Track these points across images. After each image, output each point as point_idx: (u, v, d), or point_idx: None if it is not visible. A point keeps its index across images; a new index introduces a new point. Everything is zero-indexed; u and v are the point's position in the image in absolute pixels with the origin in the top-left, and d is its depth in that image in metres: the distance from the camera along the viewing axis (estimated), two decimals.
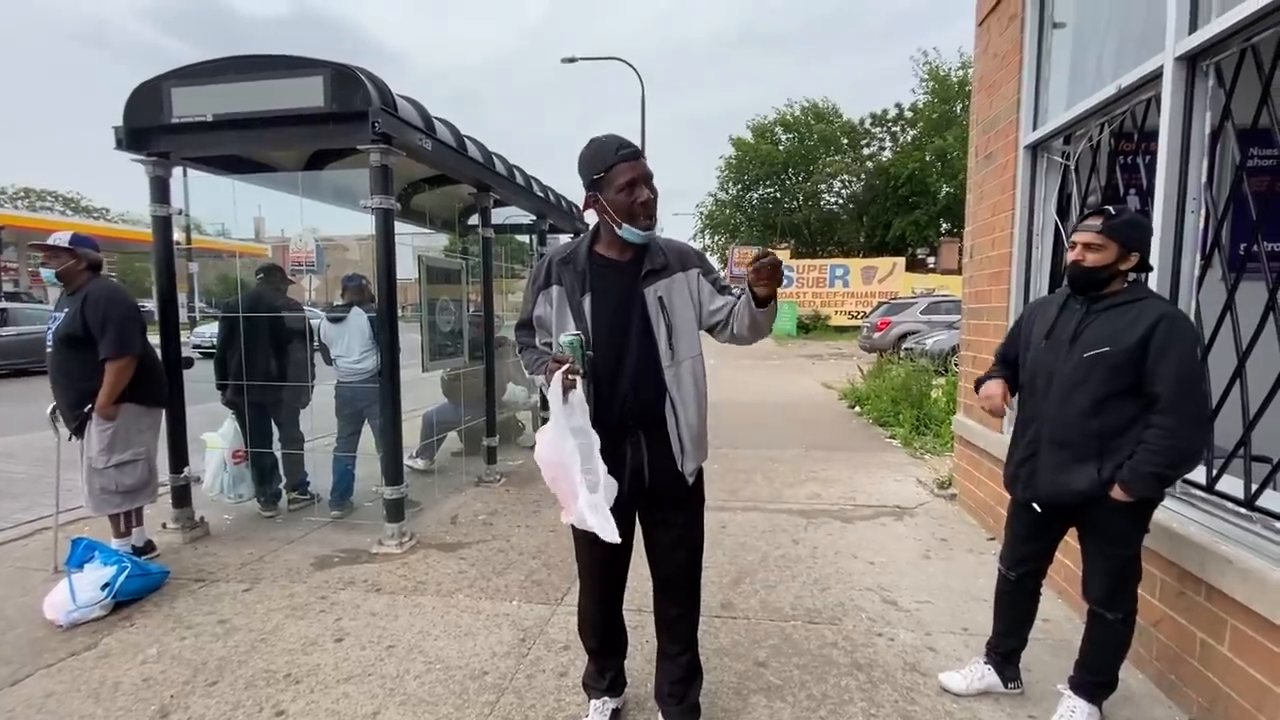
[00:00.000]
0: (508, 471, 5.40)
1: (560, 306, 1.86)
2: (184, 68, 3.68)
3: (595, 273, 1.86)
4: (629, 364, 1.81)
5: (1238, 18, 2.09)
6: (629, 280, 1.84)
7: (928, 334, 13.85)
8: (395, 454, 3.80)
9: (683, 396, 1.84)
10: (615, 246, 1.86)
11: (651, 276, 1.83)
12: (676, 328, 1.83)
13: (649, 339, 1.82)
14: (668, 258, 1.87)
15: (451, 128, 4.47)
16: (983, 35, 4.22)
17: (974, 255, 4.31)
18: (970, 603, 3.00)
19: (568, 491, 1.72)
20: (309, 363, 4.46)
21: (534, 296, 1.94)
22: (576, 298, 1.84)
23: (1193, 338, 1.91)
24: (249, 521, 4.25)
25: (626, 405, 1.80)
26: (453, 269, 5.11)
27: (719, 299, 1.87)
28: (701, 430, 1.89)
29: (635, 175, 1.76)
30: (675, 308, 1.84)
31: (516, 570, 3.41)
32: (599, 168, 1.77)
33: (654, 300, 1.82)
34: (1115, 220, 1.95)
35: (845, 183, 33.33)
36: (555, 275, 1.89)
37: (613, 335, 1.81)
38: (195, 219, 5.32)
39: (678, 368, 1.84)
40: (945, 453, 5.97)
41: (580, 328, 1.83)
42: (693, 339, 1.86)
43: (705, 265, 1.92)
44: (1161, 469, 1.86)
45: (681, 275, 1.86)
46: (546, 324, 1.92)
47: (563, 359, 1.72)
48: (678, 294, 1.84)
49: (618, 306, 1.83)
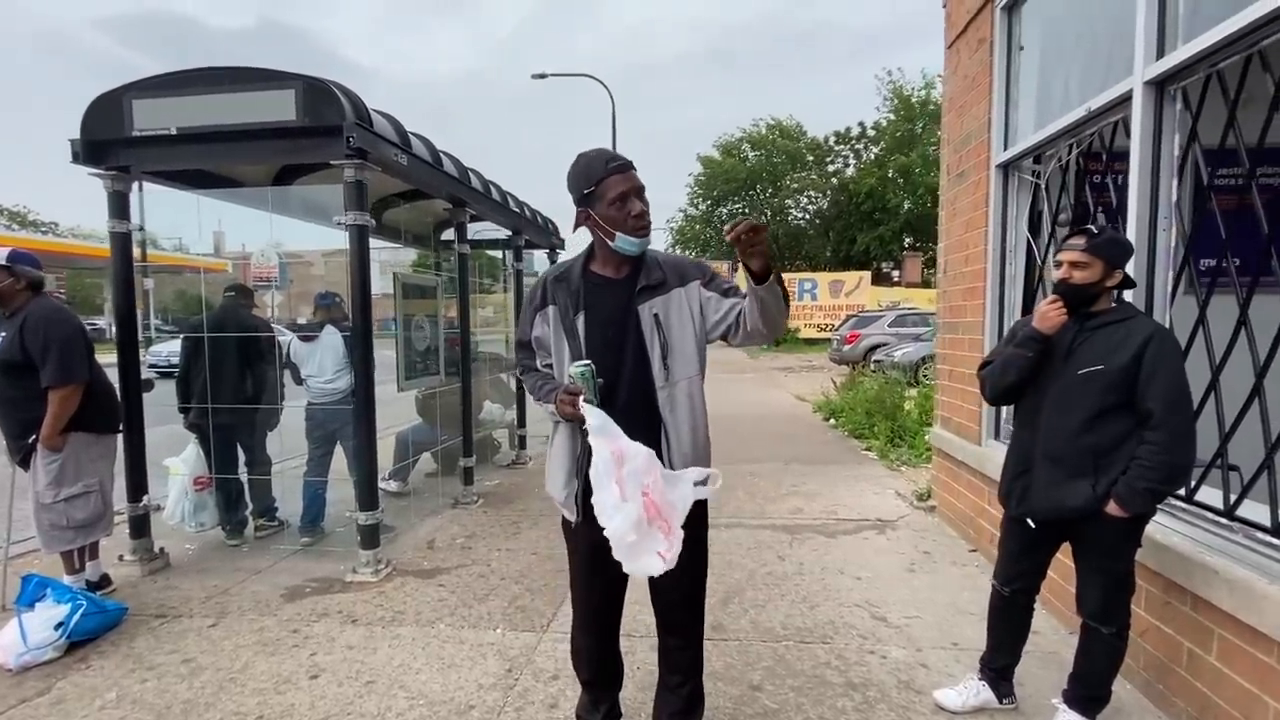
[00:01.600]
0: (485, 492, 5.27)
1: (556, 326, 1.81)
2: (147, 79, 3.55)
3: (589, 291, 1.81)
4: (623, 385, 1.76)
5: (1203, 45, 2.17)
6: (623, 297, 1.79)
7: (896, 346, 14.14)
8: (370, 477, 3.67)
9: (676, 420, 1.78)
10: (610, 263, 1.82)
11: (647, 293, 1.78)
12: (672, 347, 1.78)
13: (643, 358, 1.77)
14: (665, 273, 1.81)
15: (427, 143, 4.40)
16: (952, 57, 4.34)
17: (948, 271, 4.40)
18: (958, 616, 3.01)
19: (664, 492, 1.60)
20: (278, 384, 4.30)
21: (531, 317, 1.88)
22: (570, 317, 1.79)
23: (1180, 355, 1.96)
24: (213, 551, 4.06)
25: (624, 429, 1.74)
26: (427, 285, 5.01)
27: (725, 303, 1.80)
28: (698, 456, 1.81)
29: (627, 188, 1.72)
30: (671, 326, 1.78)
31: (499, 596, 3.31)
32: (589, 182, 1.72)
33: (649, 318, 1.77)
34: (1099, 239, 2.00)
35: (811, 198, 34.04)
36: (550, 294, 1.84)
37: (606, 355, 1.76)
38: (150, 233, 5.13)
39: (672, 389, 1.78)
40: (921, 464, 6.05)
41: (574, 347, 1.78)
42: (689, 359, 1.80)
43: (706, 274, 1.85)
44: (1156, 484, 1.90)
45: (679, 291, 1.80)
46: (545, 345, 1.87)
47: (575, 390, 1.66)
48: (675, 311, 1.79)
49: (611, 325, 1.78)
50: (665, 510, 1.59)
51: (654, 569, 1.61)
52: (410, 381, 4.57)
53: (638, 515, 1.55)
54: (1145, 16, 2.42)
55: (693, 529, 1.86)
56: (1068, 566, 2.23)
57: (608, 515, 1.57)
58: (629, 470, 1.55)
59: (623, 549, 1.59)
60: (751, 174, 33.45)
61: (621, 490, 1.55)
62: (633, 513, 1.55)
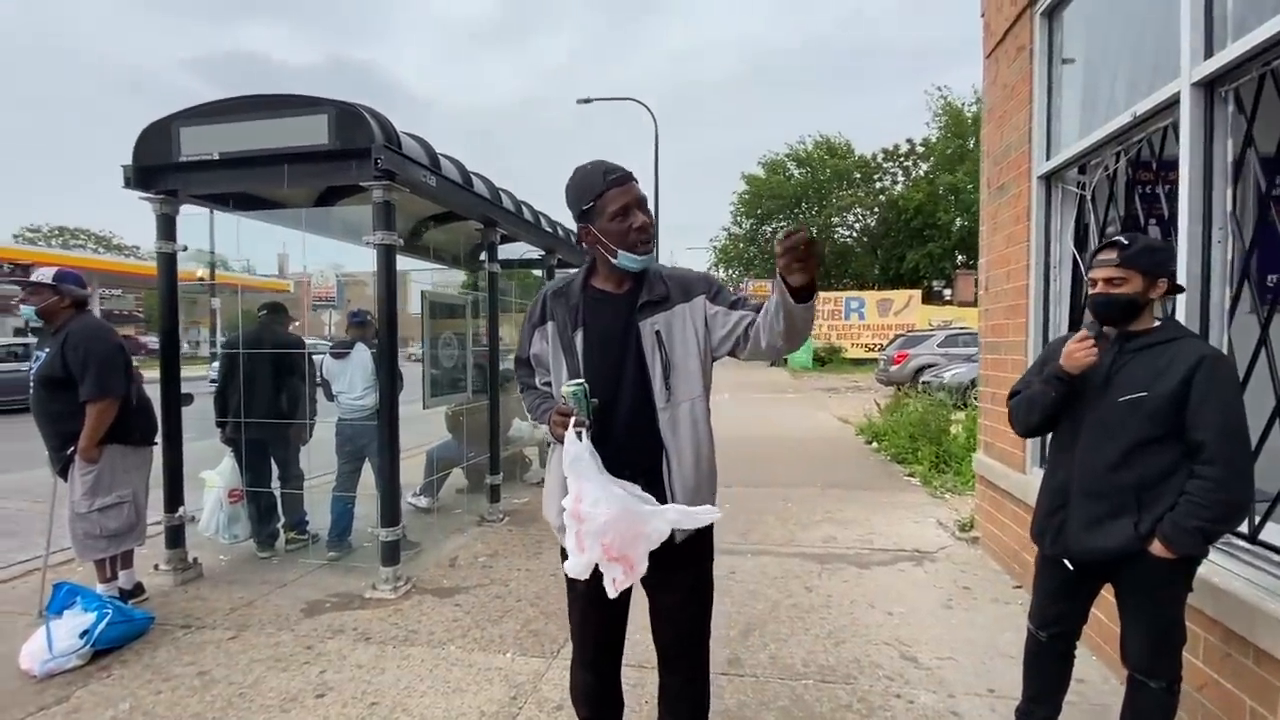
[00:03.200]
0: (512, 510, 5.26)
1: (555, 343, 1.76)
2: (193, 107, 3.74)
3: (589, 306, 1.75)
4: (622, 405, 1.69)
5: (1255, 42, 2.00)
6: (624, 313, 1.72)
7: (945, 367, 13.60)
8: (392, 494, 3.69)
9: (678, 444, 1.69)
10: (612, 278, 1.76)
11: (649, 309, 1.71)
12: (675, 365, 1.69)
13: (643, 377, 1.69)
14: (668, 288, 1.73)
15: (458, 164, 4.48)
16: (990, 67, 4.17)
17: (989, 288, 4.18)
18: (996, 659, 2.78)
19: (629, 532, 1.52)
20: (309, 399, 4.41)
21: (529, 333, 1.84)
22: (568, 333, 1.74)
23: (1235, 380, 1.77)
24: (244, 563, 4.15)
25: (621, 451, 1.65)
26: (457, 304, 5.08)
27: (733, 315, 1.70)
28: (700, 482, 1.72)
29: (628, 200, 1.65)
30: (674, 343, 1.70)
31: (513, 618, 3.25)
32: (588, 197, 1.67)
33: (650, 334, 1.69)
34: (1131, 249, 1.83)
35: (859, 216, 33.44)
36: (549, 310, 1.79)
37: (604, 373, 1.69)
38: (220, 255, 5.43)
39: (674, 410, 1.70)
40: (966, 492, 5.73)
41: (571, 365, 1.72)
42: (693, 379, 1.71)
43: (712, 288, 1.76)
44: (1207, 524, 1.70)
45: (684, 307, 1.72)
46: (544, 361, 1.82)
47: (567, 411, 1.60)
48: (678, 328, 1.71)
49: (612, 342, 1.71)
50: (627, 547, 1.50)
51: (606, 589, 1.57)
52: (435, 399, 4.61)
53: (590, 561, 1.50)
54: (1191, 14, 2.24)
55: (695, 564, 1.76)
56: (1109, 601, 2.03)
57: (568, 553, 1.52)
58: (585, 529, 1.49)
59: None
60: (797, 192, 33.14)
61: (579, 542, 1.50)
62: (586, 559, 1.50)
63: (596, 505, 1.48)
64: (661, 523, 1.53)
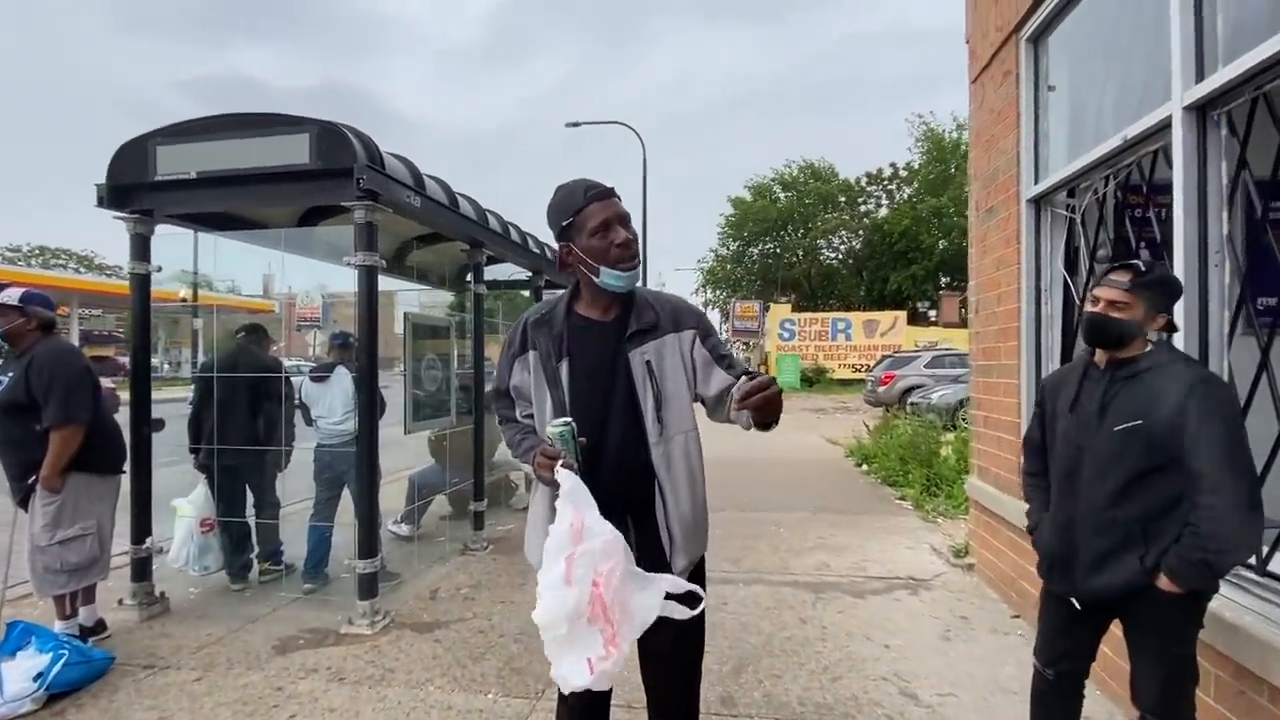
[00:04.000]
0: (496, 538, 5.11)
1: (537, 374, 1.67)
2: (170, 126, 3.65)
3: (574, 335, 1.66)
4: (611, 440, 1.60)
5: (1247, 66, 1.99)
6: (612, 342, 1.64)
7: (933, 388, 13.64)
8: (371, 523, 3.55)
9: (673, 480, 1.61)
10: (598, 304, 1.67)
11: (638, 337, 1.62)
12: (666, 397, 1.61)
13: (634, 410, 1.61)
14: (658, 315, 1.65)
15: (444, 185, 4.42)
16: (977, 92, 4.20)
17: (980, 310, 4.16)
18: (998, 695, 2.69)
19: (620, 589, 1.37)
20: (287, 424, 4.28)
21: (509, 364, 1.74)
22: (552, 364, 1.64)
23: (1233, 404, 1.72)
24: (215, 596, 3.97)
25: (611, 489, 1.56)
26: (440, 326, 4.98)
27: (717, 374, 1.64)
28: (696, 519, 1.64)
29: (609, 215, 1.58)
30: (665, 374, 1.62)
31: (496, 655, 3.11)
32: (567, 213, 1.60)
33: (640, 364, 1.61)
34: (1146, 278, 1.76)
35: (844, 239, 33.89)
36: (531, 339, 1.69)
37: (592, 407, 1.60)
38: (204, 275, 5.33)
39: (667, 445, 1.61)
40: (959, 515, 5.67)
41: (556, 397, 1.63)
42: (685, 411, 1.64)
43: (703, 326, 1.70)
44: (1212, 555, 1.63)
45: (674, 337, 1.65)
46: (525, 393, 1.72)
47: (551, 453, 1.50)
48: (669, 358, 1.63)
49: (599, 373, 1.63)
50: (615, 614, 1.36)
51: (575, 681, 1.37)
52: (418, 423, 4.49)
53: (575, 604, 1.33)
54: (1182, 37, 2.24)
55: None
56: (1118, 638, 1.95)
57: (542, 594, 1.37)
58: (583, 549, 1.35)
59: (548, 640, 1.37)
60: (782, 215, 33.56)
61: (568, 570, 1.35)
62: (570, 601, 1.33)
63: (598, 524, 1.38)
64: (653, 598, 1.40)
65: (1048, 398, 2.05)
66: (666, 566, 1.60)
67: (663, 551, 1.62)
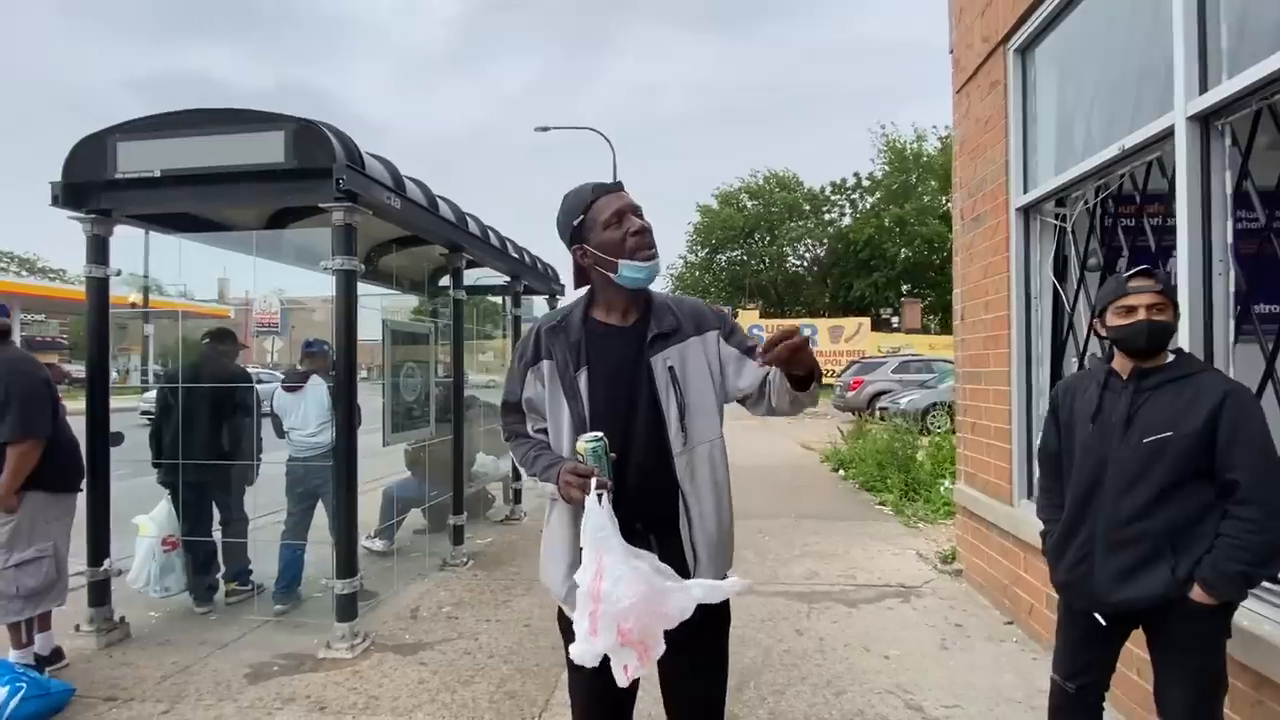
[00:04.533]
0: (476, 552, 4.94)
1: (553, 385, 1.56)
2: (132, 120, 3.43)
3: (592, 342, 1.56)
4: (635, 452, 1.50)
5: (1256, 77, 2.01)
6: (633, 348, 1.54)
7: (900, 393, 13.91)
8: (349, 541, 3.37)
9: (697, 492, 1.52)
10: (616, 308, 1.58)
11: (660, 342, 1.54)
12: (690, 405, 1.52)
13: (658, 419, 1.52)
14: (679, 319, 1.57)
15: (423, 187, 4.26)
16: (961, 101, 4.25)
17: (965, 317, 4.20)
18: (1003, 706, 2.67)
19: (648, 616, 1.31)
20: (255, 437, 4.05)
21: (522, 374, 1.62)
22: (570, 374, 1.54)
23: (1261, 415, 1.72)
24: (179, 620, 3.72)
25: (634, 504, 1.46)
26: (420, 332, 4.80)
27: (748, 368, 1.56)
28: (722, 536, 1.55)
29: (621, 205, 1.50)
30: (689, 380, 1.53)
31: (486, 678, 2.97)
32: (576, 212, 1.52)
33: (663, 370, 1.52)
34: (1164, 279, 1.80)
35: (809, 247, 34.46)
36: (545, 348, 1.58)
37: (614, 417, 1.50)
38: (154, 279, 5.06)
39: (691, 455, 1.52)
40: (938, 520, 5.72)
41: (575, 410, 1.52)
42: (710, 419, 1.55)
43: (725, 325, 1.62)
44: (1248, 567, 1.62)
45: (696, 340, 1.56)
46: (539, 407, 1.61)
47: (584, 471, 1.39)
48: (692, 362, 1.55)
49: (620, 381, 1.53)
50: (647, 633, 1.31)
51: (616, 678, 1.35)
52: (397, 435, 4.31)
53: (604, 648, 1.30)
54: (1185, 48, 2.27)
55: (713, 637, 1.58)
56: (1130, 652, 1.94)
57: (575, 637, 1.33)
58: (604, 611, 1.28)
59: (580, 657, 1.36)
60: (749, 223, 33.95)
61: (592, 625, 1.29)
62: (600, 646, 1.30)
63: (619, 584, 1.27)
64: (686, 599, 1.33)
65: (1062, 406, 2.03)
66: None
67: (687, 570, 1.53)
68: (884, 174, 31.96)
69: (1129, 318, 1.78)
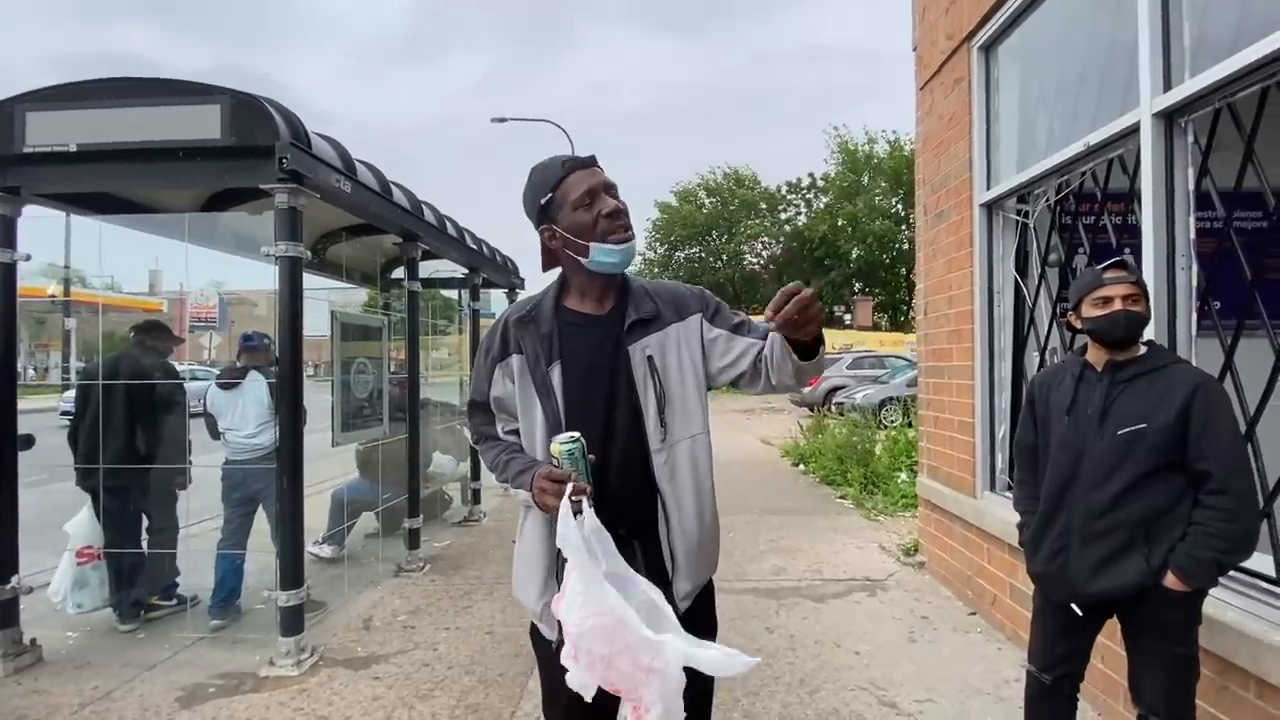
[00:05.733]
0: (433, 556, 4.73)
1: (523, 381, 1.42)
2: (43, 89, 3.11)
3: (565, 333, 1.43)
4: (615, 451, 1.38)
5: (1216, 76, 2.04)
6: (610, 338, 1.42)
7: (855, 389, 14.18)
8: (294, 549, 3.14)
9: (676, 492, 1.41)
10: (590, 294, 1.45)
11: (638, 329, 1.42)
12: (670, 397, 1.41)
13: (636, 414, 1.40)
14: (658, 305, 1.45)
15: (376, 171, 4.03)
16: (925, 98, 4.28)
17: (929, 312, 4.23)
18: (974, 698, 2.67)
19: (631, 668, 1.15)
20: (186, 439, 3.76)
21: (489, 371, 1.48)
22: (541, 368, 1.41)
23: (1230, 406, 1.74)
24: (99, 640, 3.40)
25: (614, 508, 1.34)
26: (372, 326, 4.56)
27: (738, 343, 1.45)
28: (704, 538, 1.45)
29: (594, 183, 1.37)
30: (669, 370, 1.42)
31: (446, 691, 2.80)
32: (545, 189, 1.39)
33: (641, 360, 1.41)
34: (1136, 270, 1.81)
35: (765, 244, 34.98)
36: (514, 341, 1.45)
37: (590, 413, 1.38)
38: (77, 270, 4.63)
39: (670, 451, 1.41)
40: (898, 513, 5.81)
41: (548, 407, 1.39)
42: (692, 413, 1.44)
43: (709, 305, 1.51)
44: (1221, 554, 1.64)
45: (677, 327, 1.45)
46: (509, 406, 1.47)
47: (559, 476, 1.26)
48: (672, 352, 1.43)
49: (597, 374, 1.41)
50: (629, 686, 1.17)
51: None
52: (347, 434, 4.07)
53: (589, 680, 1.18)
54: (1150, 46, 2.30)
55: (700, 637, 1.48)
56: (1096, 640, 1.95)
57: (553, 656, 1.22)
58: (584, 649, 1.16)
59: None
60: (708, 220, 34.21)
61: (574, 650, 1.17)
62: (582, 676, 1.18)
63: (571, 606, 1.16)
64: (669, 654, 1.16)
65: (1039, 399, 2.03)
66: (667, 589, 1.41)
67: (664, 574, 1.43)
68: (836, 173, 32.70)
69: (1106, 308, 1.78)
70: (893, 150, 31.13)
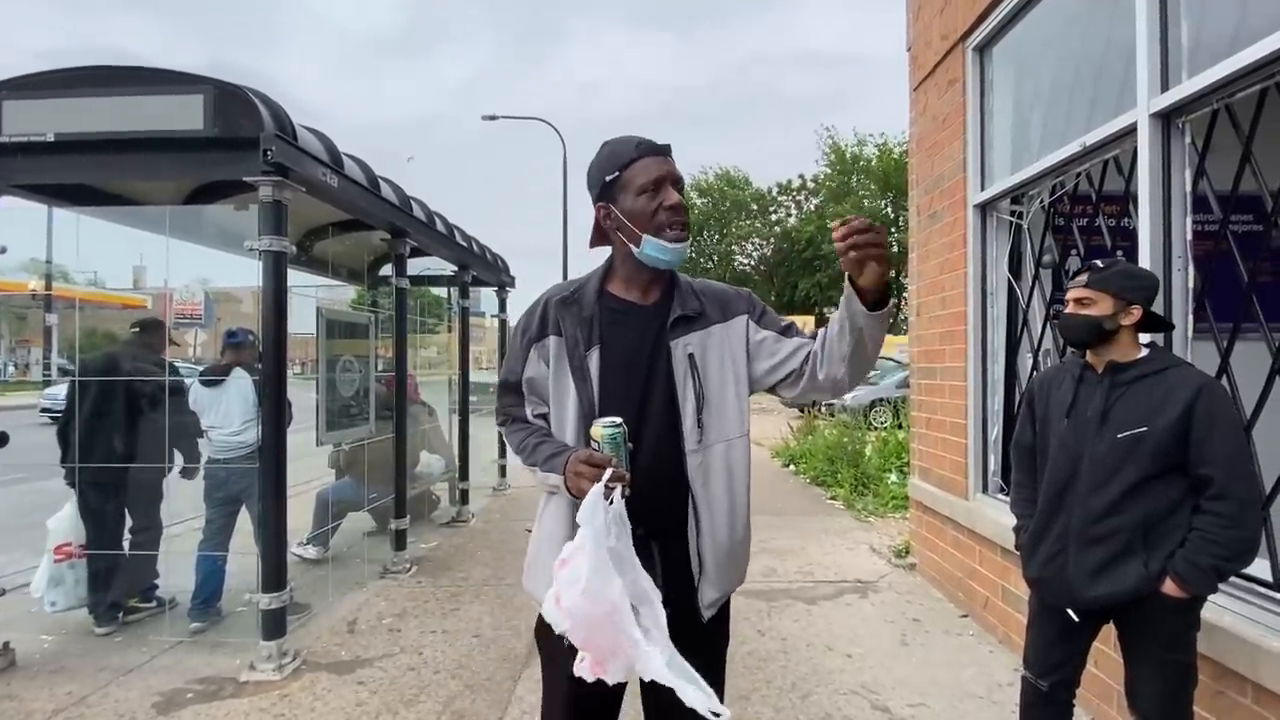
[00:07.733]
0: (419, 557, 4.66)
1: (559, 364, 1.37)
2: (20, 77, 3.03)
3: (607, 319, 1.38)
4: (646, 447, 1.33)
5: (1215, 77, 2.03)
6: (652, 330, 1.38)
7: None
8: (277, 550, 3.07)
9: (709, 496, 1.36)
10: (636, 283, 1.41)
11: (682, 325, 1.38)
12: (709, 399, 1.37)
13: (672, 412, 1.36)
14: (704, 304, 1.41)
15: (364, 165, 3.96)
16: (919, 99, 4.27)
17: (921, 314, 4.22)
18: (967, 701, 2.65)
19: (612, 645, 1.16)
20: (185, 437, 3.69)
21: (524, 352, 1.43)
22: (580, 352, 1.36)
23: (1234, 410, 1.72)
24: (76, 643, 3.31)
25: (640, 507, 1.27)
26: (358, 323, 4.48)
27: (786, 343, 1.41)
28: (735, 547, 1.40)
29: (662, 173, 1.33)
30: (709, 371, 1.38)
31: (432, 696, 2.75)
32: (612, 167, 1.35)
33: (682, 357, 1.36)
34: (1103, 272, 1.78)
35: (756, 245, 35.03)
36: (553, 322, 1.40)
37: (627, 405, 1.33)
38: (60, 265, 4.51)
39: (705, 454, 1.36)
40: (888, 514, 5.80)
41: (583, 393, 1.34)
42: (731, 416, 1.39)
43: (755, 307, 1.47)
44: (1221, 561, 1.62)
45: (721, 328, 1.40)
46: (541, 389, 1.41)
47: (599, 460, 1.21)
48: (714, 352, 1.39)
49: (636, 366, 1.36)
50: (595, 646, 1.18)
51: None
52: (332, 434, 3.99)
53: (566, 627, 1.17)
54: (1148, 47, 2.28)
55: (708, 647, 1.43)
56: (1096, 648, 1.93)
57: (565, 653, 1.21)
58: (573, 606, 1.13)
59: None
60: (700, 220, 34.18)
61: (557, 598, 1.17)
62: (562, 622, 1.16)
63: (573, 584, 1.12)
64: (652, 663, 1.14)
65: (1038, 400, 2.01)
66: (692, 597, 1.36)
67: (690, 579, 1.37)
68: (826, 175, 32.81)
69: (1066, 311, 1.82)
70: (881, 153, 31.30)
